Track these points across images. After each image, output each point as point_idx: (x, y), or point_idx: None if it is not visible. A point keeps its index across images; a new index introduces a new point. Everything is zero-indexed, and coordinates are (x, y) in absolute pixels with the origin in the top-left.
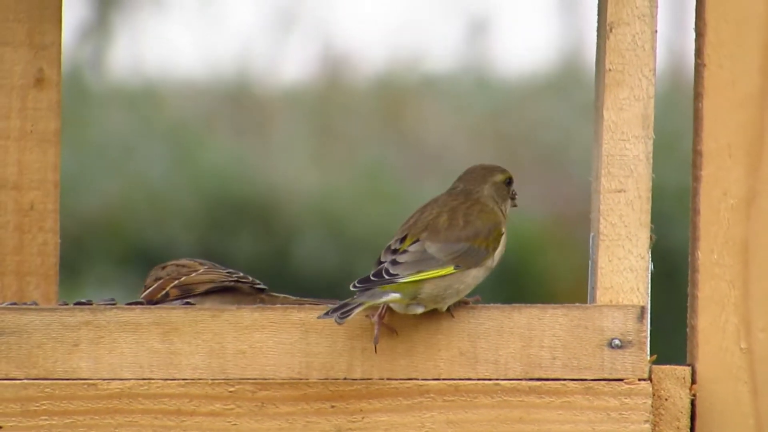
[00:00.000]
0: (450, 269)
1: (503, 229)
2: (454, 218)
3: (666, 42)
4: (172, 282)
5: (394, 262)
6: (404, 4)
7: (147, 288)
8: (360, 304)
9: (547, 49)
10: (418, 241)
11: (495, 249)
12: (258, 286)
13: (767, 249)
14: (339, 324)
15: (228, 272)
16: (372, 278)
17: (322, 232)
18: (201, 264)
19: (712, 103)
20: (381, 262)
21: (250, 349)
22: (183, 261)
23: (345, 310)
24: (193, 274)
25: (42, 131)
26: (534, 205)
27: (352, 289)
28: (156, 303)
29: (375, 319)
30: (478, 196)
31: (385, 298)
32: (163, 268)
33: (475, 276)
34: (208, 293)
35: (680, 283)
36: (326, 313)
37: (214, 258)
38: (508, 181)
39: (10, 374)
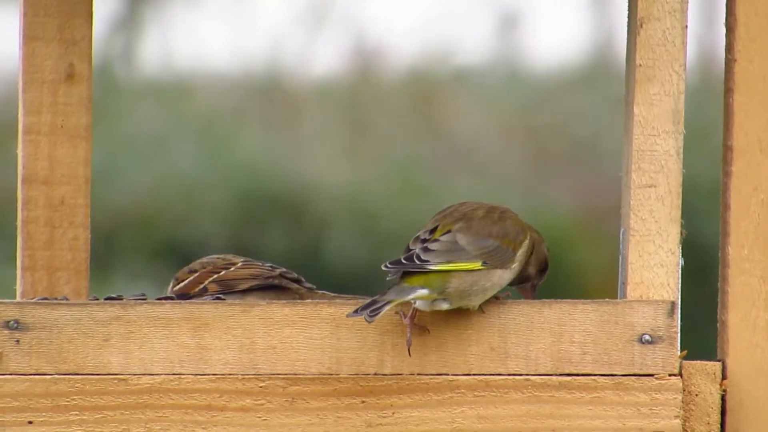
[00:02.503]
0: (478, 264)
1: (527, 240)
2: (491, 214)
3: (696, 37)
4: (210, 276)
5: (425, 249)
6: None
7: (179, 281)
8: (389, 302)
9: (578, 43)
10: (449, 232)
11: (517, 253)
12: (306, 285)
13: None
14: (369, 322)
15: (270, 266)
16: (403, 261)
17: (353, 226)
18: (237, 258)
19: (742, 98)
20: (410, 250)
21: (281, 345)
22: (218, 255)
23: (374, 308)
24: (233, 268)
25: (73, 126)
26: (564, 199)
27: (383, 268)
28: (192, 297)
29: (407, 321)
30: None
31: (413, 295)
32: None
33: (500, 276)
34: (250, 290)
35: (711, 279)
36: (355, 311)
37: (245, 252)
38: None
39: (40, 369)
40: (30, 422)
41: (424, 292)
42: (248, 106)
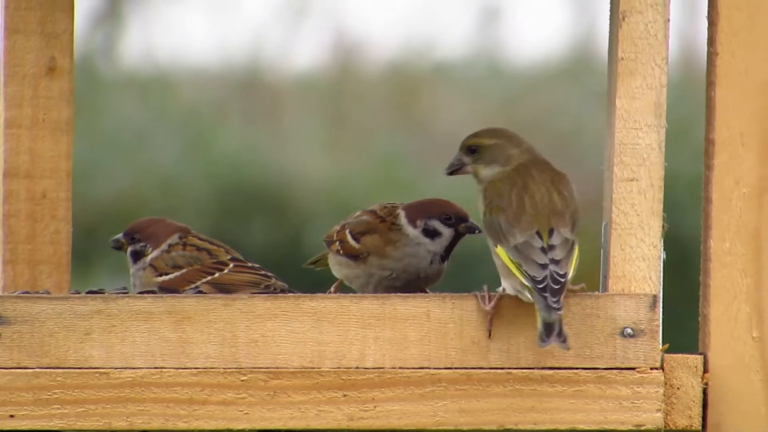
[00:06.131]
0: (577, 245)
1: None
2: (561, 192)
3: (678, 30)
4: (202, 276)
5: (554, 262)
6: None
7: (159, 272)
8: (560, 319)
9: (559, 37)
10: (553, 230)
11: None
12: (284, 288)
13: None
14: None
15: (264, 274)
16: (555, 287)
17: (334, 219)
18: (213, 245)
19: (724, 91)
20: (543, 265)
21: (263, 338)
22: (192, 238)
23: (560, 331)
24: (226, 270)
25: (54, 120)
26: None
27: (555, 306)
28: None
29: (489, 308)
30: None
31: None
32: (181, 246)
33: None
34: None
35: (692, 272)
36: (545, 342)
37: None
38: None
39: (22, 363)
40: (11, 416)
41: None
42: (229, 99)
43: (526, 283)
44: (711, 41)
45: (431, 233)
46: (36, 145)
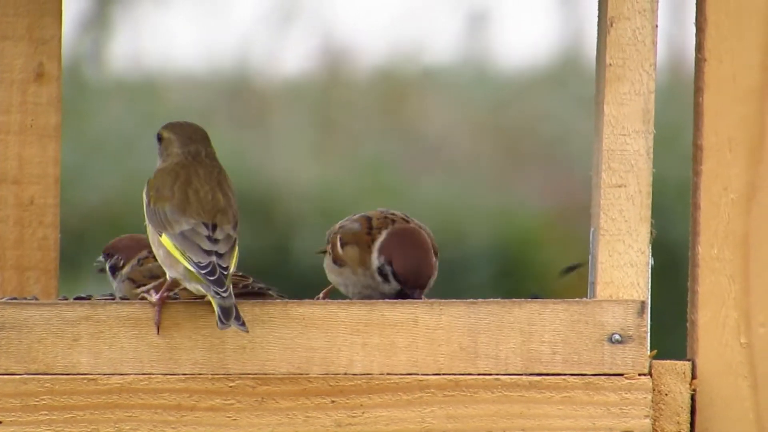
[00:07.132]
0: (237, 243)
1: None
2: (225, 193)
3: (666, 36)
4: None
5: (217, 255)
6: None
7: (137, 284)
8: (235, 304)
9: (547, 42)
10: (216, 226)
11: None
12: (276, 293)
13: (767, 244)
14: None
15: (242, 274)
16: (211, 277)
17: (322, 225)
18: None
19: (712, 97)
20: (209, 252)
21: (250, 344)
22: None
23: (237, 315)
24: None
25: (42, 125)
26: (534, 199)
27: (222, 295)
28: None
29: (157, 299)
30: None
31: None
32: (141, 263)
33: None
34: None
35: (680, 278)
36: (224, 324)
37: None
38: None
39: (10, 369)
40: None
41: None
42: (217, 105)
43: (191, 268)
44: (699, 47)
45: (384, 276)
46: (24, 151)
